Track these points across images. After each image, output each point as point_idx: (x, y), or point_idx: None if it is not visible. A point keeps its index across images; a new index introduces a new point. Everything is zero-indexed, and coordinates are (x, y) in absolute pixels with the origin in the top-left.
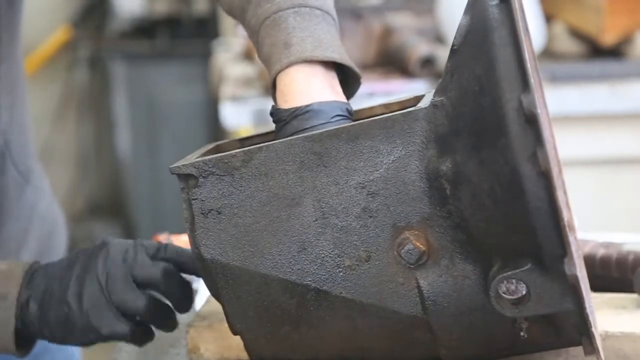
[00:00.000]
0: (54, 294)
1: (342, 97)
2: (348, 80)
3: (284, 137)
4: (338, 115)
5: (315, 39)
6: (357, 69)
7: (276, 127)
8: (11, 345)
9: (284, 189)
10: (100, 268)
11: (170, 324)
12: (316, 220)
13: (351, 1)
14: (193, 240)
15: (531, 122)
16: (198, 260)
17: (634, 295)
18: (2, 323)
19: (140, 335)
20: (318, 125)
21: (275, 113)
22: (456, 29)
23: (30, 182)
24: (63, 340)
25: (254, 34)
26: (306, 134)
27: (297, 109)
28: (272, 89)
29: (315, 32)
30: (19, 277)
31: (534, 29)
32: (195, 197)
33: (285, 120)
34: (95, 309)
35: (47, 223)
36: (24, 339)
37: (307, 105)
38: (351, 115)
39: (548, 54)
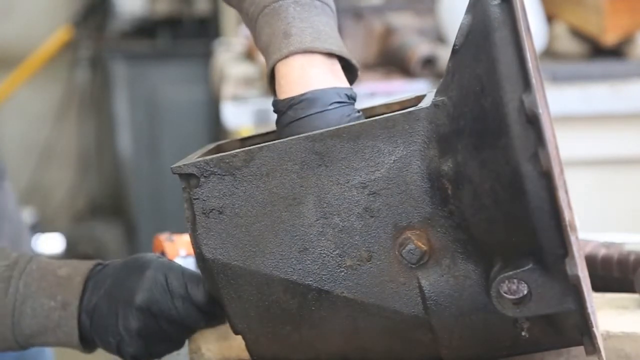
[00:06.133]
0: (104, 319)
1: (344, 83)
2: (345, 73)
3: (282, 127)
4: (336, 102)
5: (315, 30)
6: (354, 62)
7: (276, 118)
8: (79, 347)
9: (285, 189)
10: (141, 300)
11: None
12: (317, 220)
13: (352, 1)
14: (194, 240)
15: (532, 122)
16: (199, 260)
17: (635, 296)
18: (67, 332)
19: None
20: (314, 113)
21: (274, 104)
22: (457, 28)
23: (3, 180)
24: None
25: (252, 21)
26: (307, 134)
27: (292, 98)
28: (269, 78)
29: (315, 24)
30: (79, 286)
31: (535, 29)
32: (197, 197)
33: (282, 111)
34: (147, 340)
35: (15, 225)
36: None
37: (301, 95)
38: (353, 100)
39: (549, 54)
